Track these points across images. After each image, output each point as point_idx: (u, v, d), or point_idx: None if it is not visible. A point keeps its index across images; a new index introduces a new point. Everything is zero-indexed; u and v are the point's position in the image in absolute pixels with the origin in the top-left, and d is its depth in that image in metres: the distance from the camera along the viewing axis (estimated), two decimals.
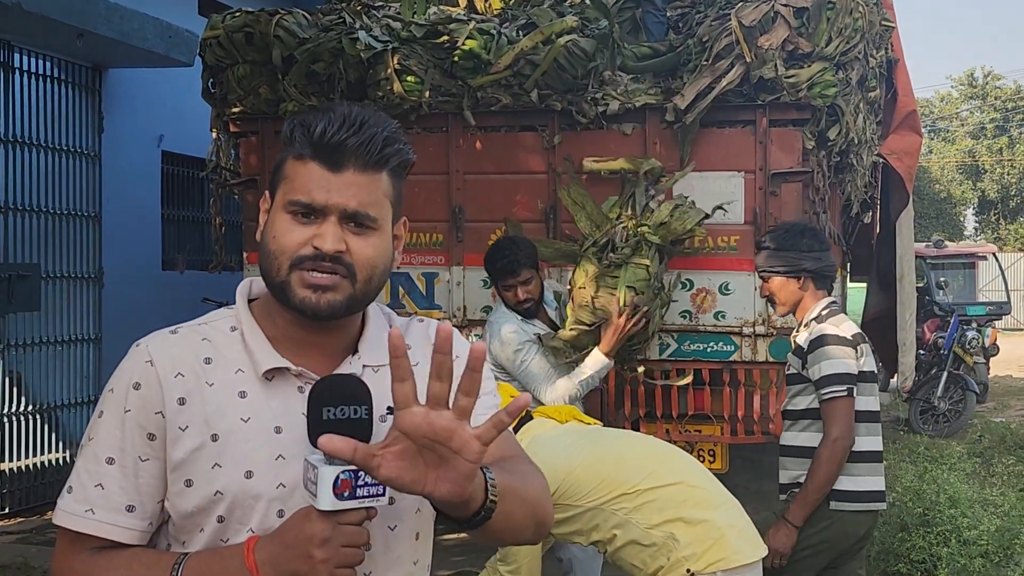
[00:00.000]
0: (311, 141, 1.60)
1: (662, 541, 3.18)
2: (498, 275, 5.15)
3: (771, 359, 5.81)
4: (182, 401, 1.61)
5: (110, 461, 1.61)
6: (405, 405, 1.41)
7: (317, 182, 1.59)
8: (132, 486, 1.61)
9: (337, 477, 1.44)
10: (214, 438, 1.60)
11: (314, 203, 1.59)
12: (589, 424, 3.61)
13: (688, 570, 3.16)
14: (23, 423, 7.91)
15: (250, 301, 1.74)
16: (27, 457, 7.96)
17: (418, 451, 1.41)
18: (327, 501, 1.44)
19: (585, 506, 3.25)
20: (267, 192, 1.69)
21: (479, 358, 1.41)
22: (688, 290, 5.92)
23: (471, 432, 1.40)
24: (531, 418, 3.56)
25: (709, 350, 5.93)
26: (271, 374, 1.64)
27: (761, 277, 4.33)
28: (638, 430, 6.18)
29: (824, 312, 4.12)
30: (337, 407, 1.49)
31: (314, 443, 1.48)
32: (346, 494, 1.45)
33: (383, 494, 1.48)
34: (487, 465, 1.53)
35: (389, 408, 1.56)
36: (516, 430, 3.42)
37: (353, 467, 1.45)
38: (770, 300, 4.31)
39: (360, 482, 1.46)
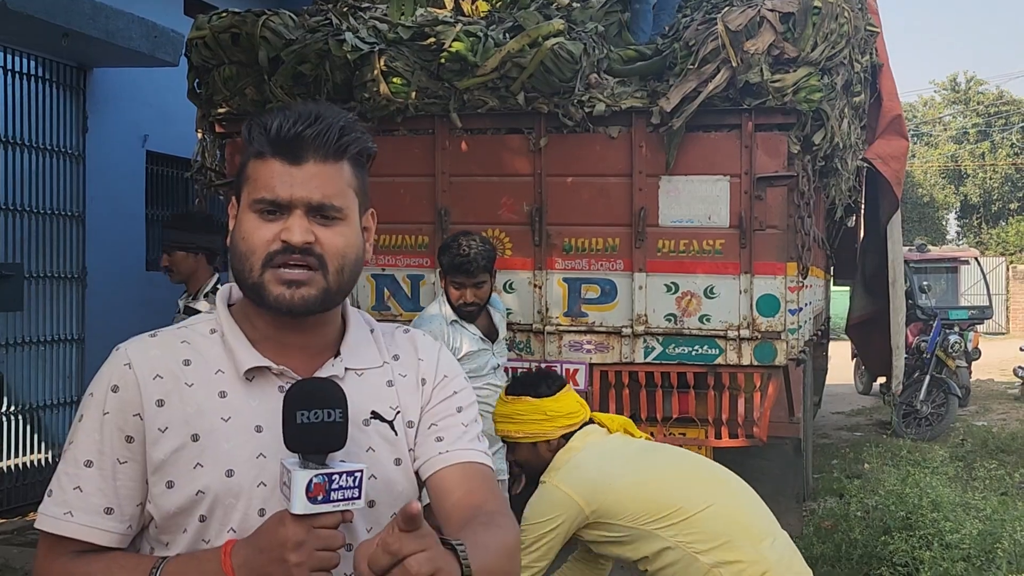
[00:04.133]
0: (269, 138, 1.61)
1: (707, 569, 3.12)
2: (453, 270, 4.81)
3: (755, 362, 5.83)
4: (160, 403, 1.61)
5: (88, 464, 1.61)
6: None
7: (279, 177, 1.60)
8: (110, 488, 1.61)
9: (310, 481, 1.44)
10: (195, 438, 1.60)
11: (278, 199, 1.59)
12: (637, 438, 3.54)
13: None
14: (5, 424, 7.86)
15: (230, 307, 1.74)
16: (9, 458, 7.91)
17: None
18: (300, 505, 1.44)
19: (626, 526, 3.20)
20: (234, 198, 1.69)
21: (413, 517, 1.32)
22: (673, 293, 5.94)
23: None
24: (591, 422, 3.50)
25: (694, 353, 5.94)
26: (252, 374, 1.65)
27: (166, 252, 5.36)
28: None
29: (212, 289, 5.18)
30: (311, 410, 1.48)
31: (289, 446, 1.49)
32: (320, 498, 1.45)
33: (359, 497, 1.48)
34: (461, 541, 1.44)
35: (373, 413, 1.56)
36: (569, 437, 3.40)
37: (327, 471, 1.45)
38: (168, 270, 5.38)
39: (335, 485, 1.45)
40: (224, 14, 6.39)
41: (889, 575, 5.88)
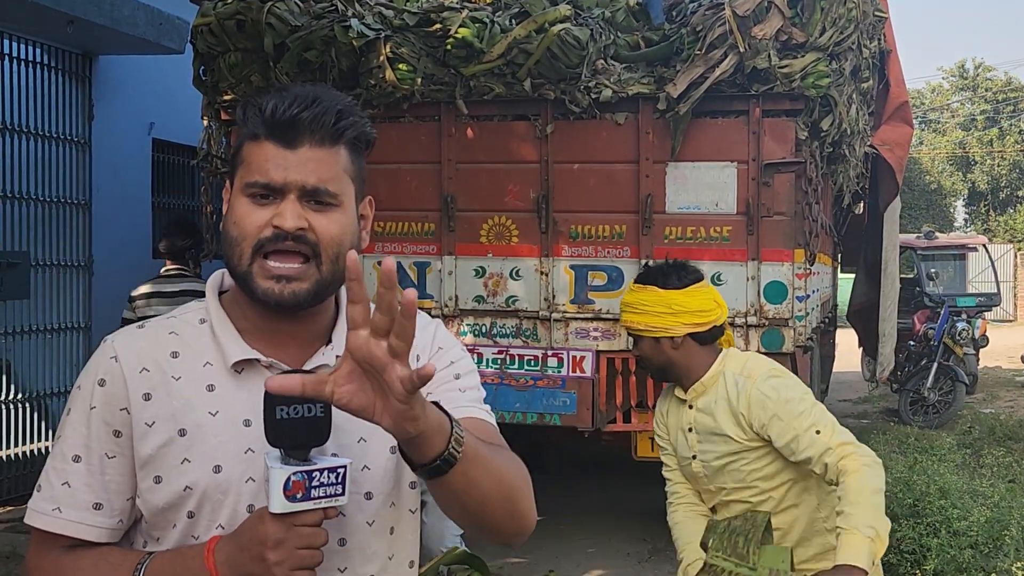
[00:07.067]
0: (264, 119, 1.56)
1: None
2: None
3: (763, 349, 5.81)
4: (147, 397, 1.57)
5: (76, 459, 1.58)
6: (355, 326, 1.31)
7: (273, 161, 1.55)
8: (99, 484, 1.58)
9: (288, 479, 1.41)
10: (182, 433, 1.56)
11: (272, 182, 1.54)
12: None
13: None
14: (12, 411, 7.88)
15: (222, 294, 1.70)
16: (16, 445, 7.93)
17: (366, 377, 1.33)
18: (278, 504, 1.41)
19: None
20: (228, 182, 1.64)
21: (389, 274, 1.26)
22: None
23: (402, 373, 1.30)
24: (722, 330, 3.30)
25: None
26: (240, 366, 1.60)
27: None
28: (629, 420, 6.20)
29: None
30: (291, 405, 1.43)
31: (271, 442, 1.45)
32: (299, 496, 1.41)
33: (342, 494, 1.45)
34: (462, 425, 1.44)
35: None
36: (700, 339, 3.17)
37: (307, 468, 1.42)
38: None
39: (315, 483, 1.42)
40: (229, 1, 6.37)
41: (896, 562, 5.88)
